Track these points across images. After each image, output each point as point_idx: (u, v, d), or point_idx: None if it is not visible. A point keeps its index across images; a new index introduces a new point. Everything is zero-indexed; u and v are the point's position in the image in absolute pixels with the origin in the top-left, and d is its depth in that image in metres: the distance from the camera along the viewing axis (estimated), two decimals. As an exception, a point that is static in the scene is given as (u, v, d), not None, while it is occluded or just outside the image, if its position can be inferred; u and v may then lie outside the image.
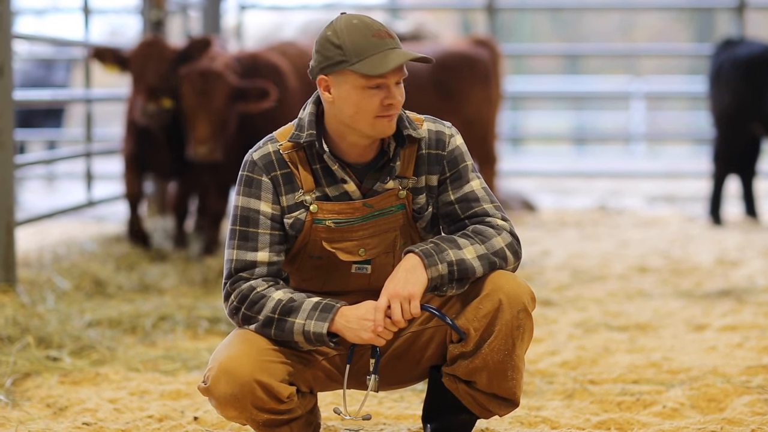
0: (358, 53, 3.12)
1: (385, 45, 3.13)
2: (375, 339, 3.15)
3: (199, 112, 6.66)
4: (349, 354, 3.23)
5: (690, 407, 3.96)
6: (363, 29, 3.13)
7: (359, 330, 3.14)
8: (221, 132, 6.67)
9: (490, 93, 8.42)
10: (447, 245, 3.19)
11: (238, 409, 3.18)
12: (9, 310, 5.20)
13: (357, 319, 3.15)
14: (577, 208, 10.98)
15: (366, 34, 3.13)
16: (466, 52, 8.33)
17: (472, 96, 8.24)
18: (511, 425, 3.75)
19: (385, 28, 3.17)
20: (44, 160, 9.07)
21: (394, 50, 3.13)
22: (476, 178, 3.32)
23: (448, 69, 8.14)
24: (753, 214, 9.53)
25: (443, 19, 20.94)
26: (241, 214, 3.25)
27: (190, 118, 6.68)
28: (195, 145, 6.60)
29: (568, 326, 5.42)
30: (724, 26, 19.92)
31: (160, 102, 6.73)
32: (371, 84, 3.13)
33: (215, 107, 6.66)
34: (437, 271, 3.16)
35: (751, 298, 6.08)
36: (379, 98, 3.15)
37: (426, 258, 3.16)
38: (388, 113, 3.16)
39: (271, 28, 11.48)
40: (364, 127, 3.17)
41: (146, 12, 8.50)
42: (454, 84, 8.15)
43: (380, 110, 3.15)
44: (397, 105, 3.16)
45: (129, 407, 4.03)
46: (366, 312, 3.15)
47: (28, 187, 13.27)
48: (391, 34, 3.16)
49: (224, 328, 5.35)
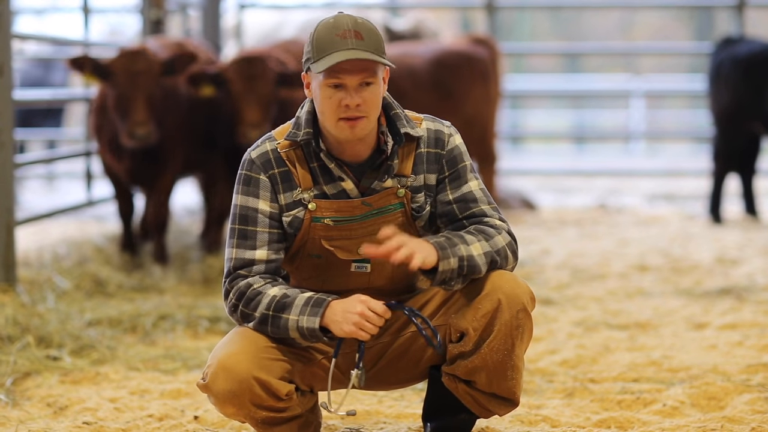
0: (319, 51, 3.13)
1: (345, 45, 3.11)
2: (357, 332, 3.14)
3: (248, 96, 6.67)
4: (336, 348, 3.22)
5: (690, 405, 3.97)
6: (331, 28, 3.14)
7: (342, 323, 3.14)
8: (269, 116, 6.70)
9: (489, 92, 8.42)
10: (457, 240, 3.19)
11: (236, 406, 3.19)
12: (9, 309, 5.20)
13: (342, 311, 3.15)
14: (577, 206, 10.98)
15: (331, 33, 3.13)
16: (465, 50, 8.33)
17: (471, 95, 8.24)
18: (512, 424, 3.75)
19: (359, 29, 3.13)
20: (44, 160, 9.07)
21: (349, 50, 3.11)
22: (474, 179, 3.32)
23: (447, 68, 8.14)
24: (753, 213, 9.53)
25: (443, 17, 20.94)
26: (239, 212, 3.26)
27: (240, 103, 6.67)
28: (246, 129, 6.60)
29: (568, 325, 5.42)
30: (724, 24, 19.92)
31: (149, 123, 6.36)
32: (329, 83, 3.14)
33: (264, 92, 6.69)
34: (448, 265, 3.16)
35: (751, 297, 6.08)
36: (338, 99, 3.14)
37: (440, 250, 3.15)
38: (347, 115, 3.14)
39: (271, 27, 11.47)
40: (330, 127, 3.18)
41: (146, 11, 8.50)
42: (453, 83, 8.15)
43: (339, 111, 3.14)
44: (355, 108, 3.13)
45: (129, 406, 4.03)
46: (350, 305, 3.15)
47: (28, 187, 13.27)
48: (360, 34, 3.13)
49: (224, 327, 5.34)
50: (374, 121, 3.20)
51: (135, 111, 6.37)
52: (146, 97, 6.42)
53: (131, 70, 6.43)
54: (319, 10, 11.87)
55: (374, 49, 3.14)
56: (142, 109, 6.37)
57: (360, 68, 3.13)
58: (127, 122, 6.40)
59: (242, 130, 6.61)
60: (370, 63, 3.13)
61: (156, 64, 6.50)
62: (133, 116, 6.37)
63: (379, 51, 3.15)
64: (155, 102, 6.50)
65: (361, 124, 3.16)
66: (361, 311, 3.13)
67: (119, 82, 6.43)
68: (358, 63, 3.12)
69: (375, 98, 3.17)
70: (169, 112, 6.71)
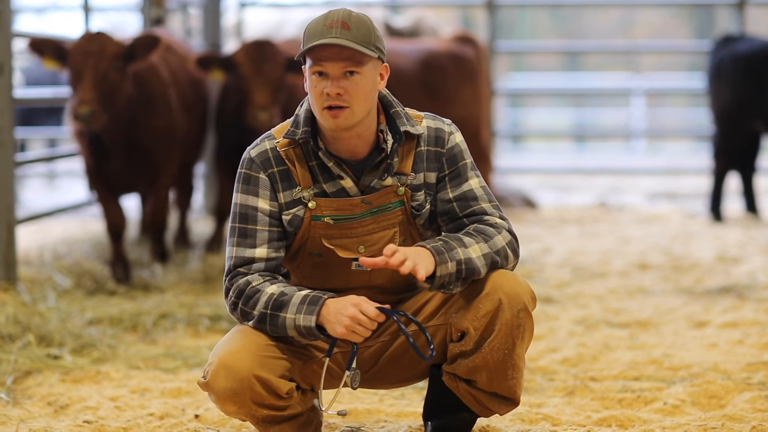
0: (307, 40, 3.15)
1: (329, 33, 3.12)
2: (348, 335, 3.14)
3: (258, 79, 6.73)
4: (330, 347, 3.22)
5: (691, 404, 3.97)
6: (322, 19, 3.16)
7: (335, 323, 3.14)
8: (277, 100, 6.75)
9: (478, 91, 8.37)
10: (455, 243, 3.19)
11: (237, 404, 3.19)
12: (10, 308, 5.20)
13: (335, 312, 3.15)
14: (578, 205, 10.98)
15: (320, 23, 3.15)
16: (451, 50, 8.28)
17: (460, 95, 8.21)
18: (512, 422, 3.75)
19: (348, 21, 3.14)
20: (45, 158, 9.06)
21: (331, 38, 3.11)
22: (475, 177, 3.31)
23: (434, 68, 8.11)
24: (753, 211, 9.53)
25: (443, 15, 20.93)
26: (239, 211, 3.26)
27: (249, 86, 6.73)
28: (255, 111, 6.65)
29: (568, 323, 5.42)
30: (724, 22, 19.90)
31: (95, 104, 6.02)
32: (314, 70, 3.15)
33: (273, 76, 6.75)
34: (446, 269, 3.15)
35: (751, 295, 6.08)
36: (321, 87, 3.15)
37: (437, 255, 3.15)
38: (330, 104, 3.14)
39: (272, 26, 11.47)
40: (318, 116, 3.19)
41: (146, 10, 8.49)
42: (440, 83, 8.12)
43: (322, 99, 3.15)
44: (335, 96, 3.13)
45: (130, 405, 4.03)
46: (343, 306, 3.14)
47: (29, 185, 13.28)
48: (348, 25, 3.13)
49: (225, 325, 5.35)
50: (361, 114, 3.18)
51: (81, 90, 6.06)
52: (95, 77, 6.09)
53: (84, 50, 6.14)
54: (319, 8, 11.87)
55: (360, 40, 3.13)
56: (88, 88, 6.05)
57: (342, 57, 3.13)
58: (73, 101, 6.08)
59: (251, 112, 6.68)
60: (352, 52, 3.13)
61: (111, 45, 6.20)
62: (78, 95, 6.05)
63: (366, 43, 3.14)
64: (109, 85, 6.15)
65: (343, 114, 3.15)
66: (353, 314, 3.12)
67: (72, 62, 6.12)
68: (341, 51, 3.12)
69: (358, 89, 3.15)
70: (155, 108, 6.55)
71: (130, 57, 6.27)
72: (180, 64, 7.06)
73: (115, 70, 6.19)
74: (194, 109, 7.09)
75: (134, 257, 6.97)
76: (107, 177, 6.48)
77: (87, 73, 6.09)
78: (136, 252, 7.18)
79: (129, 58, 6.27)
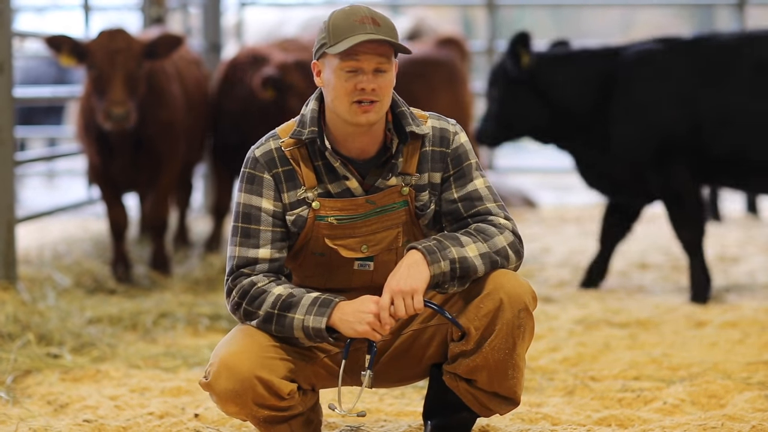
0: (336, 36, 3.14)
1: (363, 29, 3.13)
2: (370, 333, 3.14)
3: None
4: (345, 348, 3.22)
5: (690, 403, 3.97)
6: (349, 14, 3.15)
7: (355, 323, 3.14)
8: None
9: (458, 95, 8.09)
10: (449, 242, 3.19)
11: (238, 405, 3.19)
12: (9, 307, 5.20)
13: (353, 311, 3.15)
14: (578, 204, 10.98)
15: (349, 18, 3.15)
16: (429, 56, 8.02)
17: (438, 101, 7.95)
18: (512, 422, 3.75)
19: (376, 17, 3.16)
20: (45, 157, 9.05)
21: (368, 34, 3.12)
22: (480, 177, 3.31)
23: (410, 75, 7.73)
24: (753, 211, 9.53)
25: (444, 15, 20.93)
26: (243, 211, 3.26)
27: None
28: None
29: (568, 323, 5.42)
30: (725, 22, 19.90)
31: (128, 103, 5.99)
32: (345, 67, 3.14)
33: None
34: (439, 268, 3.16)
35: (751, 295, 6.08)
36: (353, 82, 3.15)
37: (429, 255, 3.15)
38: (362, 98, 3.15)
39: (272, 25, 11.47)
40: (342, 112, 3.18)
41: (146, 9, 8.50)
42: (417, 90, 7.80)
43: (354, 94, 3.15)
44: (371, 92, 3.15)
45: (129, 404, 4.03)
46: (362, 305, 3.15)
47: (29, 185, 13.27)
48: (377, 21, 3.15)
49: (225, 324, 5.35)
50: (384, 112, 3.21)
51: (113, 90, 6.01)
52: (125, 76, 6.08)
53: (110, 49, 6.09)
54: (319, 8, 11.87)
55: (392, 36, 3.16)
56: (120, 88, 6.03)
57: (378, 52, 3.14)
58: (105, 102, 6.02)
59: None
60: (387, 48, 3.15)
61: (136, 43, 6.19)
62: (110, 95, 6.01)
63: (396, 39, 3.16)
64: (136, 84, 6.15)
65: (374, 108, 3.16)
66: (376, 311, 3.13)
67: (97, 61, 6.09)
68: (377, 47, 3.14)
69: (388, 86, 3.18)
70: (162, 105, 6.51)
71: (150, 55, 6.26)
72: (183, 63, 7.03)
73: (139, 68, 6.18)
74: (197, 107, 7.05)
75: (134, 256, 6.97)
76: (111, 175, 6.43)
77: (117, 73, 6.07)
78: (136, 251, 7.17)
79: (149, 56, 6.25)
